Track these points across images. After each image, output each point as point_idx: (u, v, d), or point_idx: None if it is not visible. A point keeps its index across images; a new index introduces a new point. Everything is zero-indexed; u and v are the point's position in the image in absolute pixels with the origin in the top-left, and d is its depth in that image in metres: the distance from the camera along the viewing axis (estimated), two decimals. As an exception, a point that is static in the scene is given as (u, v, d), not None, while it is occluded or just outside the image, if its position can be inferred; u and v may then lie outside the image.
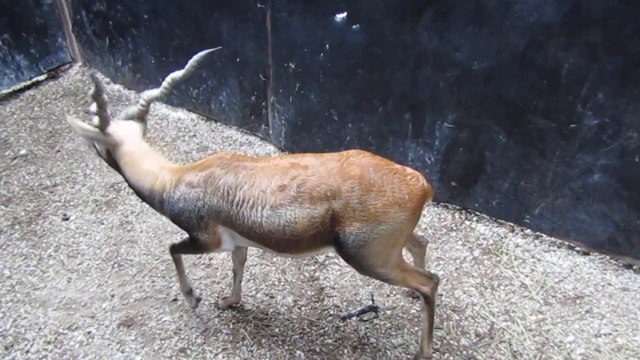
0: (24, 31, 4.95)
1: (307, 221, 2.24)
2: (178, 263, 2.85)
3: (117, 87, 5.35)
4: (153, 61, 4.85)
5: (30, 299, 3.15)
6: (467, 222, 3.75)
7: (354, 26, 3.58)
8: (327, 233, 2.28)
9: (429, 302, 2.53)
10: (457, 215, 3.81)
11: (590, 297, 3.16)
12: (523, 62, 3.12)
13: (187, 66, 2.48)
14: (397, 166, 2.35)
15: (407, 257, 2.95)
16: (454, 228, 3.70)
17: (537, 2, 2.94)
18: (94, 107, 2.45)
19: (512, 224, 3.66)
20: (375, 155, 2.39)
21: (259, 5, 3.95)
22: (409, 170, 2.36)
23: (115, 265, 3.40)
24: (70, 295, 3.18)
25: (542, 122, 3.22)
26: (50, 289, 3.23)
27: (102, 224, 3.72)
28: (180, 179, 2.49)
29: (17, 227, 3.66)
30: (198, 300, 2.99)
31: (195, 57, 2.47)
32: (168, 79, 2.49)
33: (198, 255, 3.42)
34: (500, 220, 3.69)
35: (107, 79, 5.37)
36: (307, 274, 3.33)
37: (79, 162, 4.37)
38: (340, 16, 3.59)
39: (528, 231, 3.61)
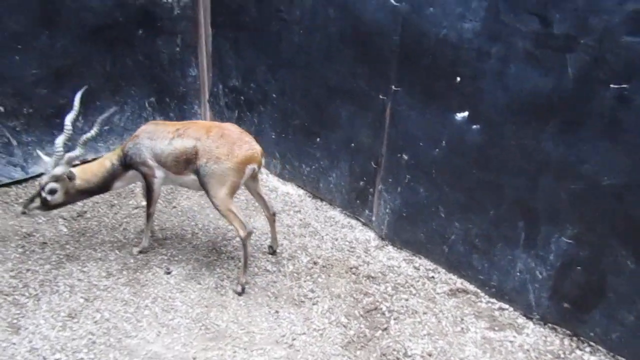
0: (167, 96, 5.55)
1: (183, 148, 3.62)
2: (149, 219, 4.01)
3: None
4: (273, 136, 5.14)
5: (120, 346, 3.26)
6: (578, 352, 3.32)
7: (474, 126, 3.54)
8: (192, 162, 3.61)
9: (243, 245, 3.65)
10: (566, 341, 3.40)
11: None
12: (662, 185, 2.85)
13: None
14: (246, 138, 3.66)
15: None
16: (562, 356, 3.29)
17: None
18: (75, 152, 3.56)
19: (634, 365, 3.18)
20: (238, 129, 3.72)
21: (380, 97, 4.08)
22: (251, 143, 3.65)
23: (203, 328, 3.44)
24: (156, 349, 3.24)
25: (681, 254, 2.86)
26: (140, 339, 3.32)
27: (199, 284, 3.83)
28: (124, 144, 3.82)
29: (124, 272, 3.89)
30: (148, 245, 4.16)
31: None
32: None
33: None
34: (620, 358, 3.23)
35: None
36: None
37: (190, 220, 4.63)
38: (461, 115, 3.58)
39: (655, 377, 3.11)
